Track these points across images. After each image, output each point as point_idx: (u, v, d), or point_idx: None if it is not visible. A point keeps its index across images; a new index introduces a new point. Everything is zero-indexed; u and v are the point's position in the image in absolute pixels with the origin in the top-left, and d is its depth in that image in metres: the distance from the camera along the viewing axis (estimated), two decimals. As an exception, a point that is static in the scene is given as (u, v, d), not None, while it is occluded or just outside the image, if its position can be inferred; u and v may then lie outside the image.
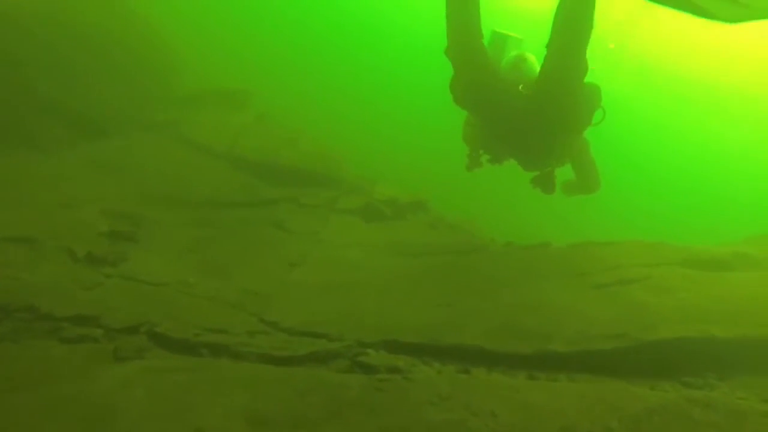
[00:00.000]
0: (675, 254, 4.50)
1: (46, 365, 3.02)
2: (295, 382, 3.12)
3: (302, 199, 6.18)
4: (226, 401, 2.86)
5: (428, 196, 6.68)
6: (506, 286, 4.43)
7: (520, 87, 3.96)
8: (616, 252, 4.73)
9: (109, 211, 5.03)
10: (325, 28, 21.05)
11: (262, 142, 7.74)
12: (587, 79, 3.88)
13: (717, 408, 2.80)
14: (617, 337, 3.54)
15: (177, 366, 3.05)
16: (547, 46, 3.78)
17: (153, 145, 7.05)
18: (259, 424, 2.68)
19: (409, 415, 2.80)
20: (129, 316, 3.54)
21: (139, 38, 8.17)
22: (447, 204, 7.29)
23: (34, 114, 6.12)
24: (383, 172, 8.10)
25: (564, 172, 4.66)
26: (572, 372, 3.45)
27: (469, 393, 3.00)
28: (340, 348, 3.60)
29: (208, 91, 9.25)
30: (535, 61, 4.11)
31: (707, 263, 4.31)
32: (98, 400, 2.68)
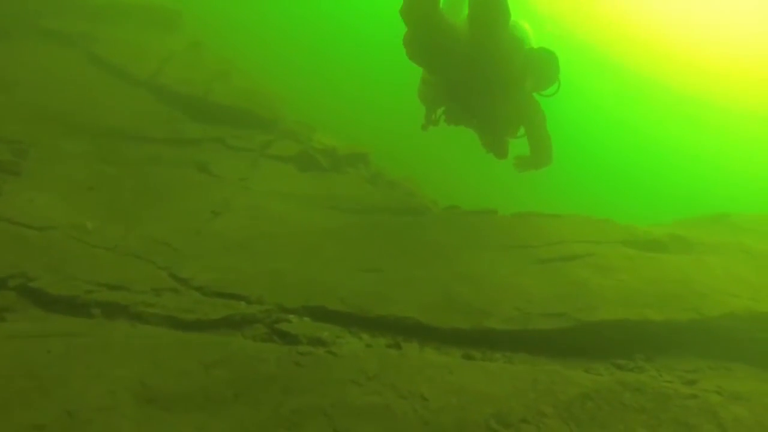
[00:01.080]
0: (618, 233, 4.42)
1: None
2: (201, 352, 2.73)
3: (230, 140, 5.53)
4: (114, 373, 2.42)
5: (369, 150, 6.22)
6: (445, 253, 4.18)
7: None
8: (561, 226, 4.59)
9: (-13, 133, 4.21)
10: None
11: (191, 72, 6.87)
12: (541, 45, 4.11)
13: (645, 392, 2.82)
14: (557, 316, 3.40)
15: (54, 330, 2.55)
16: None
17: (55, 58, 6.02)
18: (148, 403, 2.27)
19: (330, 396, 2.50)
20: (-5, 267, 2.93)
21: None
22: (389, 160, 6.89)
23: None
24: (323, 120, 7.52)
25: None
26: (509, 351, 3.29)
27: (399, 372, 2.75)
28: (258, 312, 3.22)
29: (130, 5, 8.08)
30: None
31: (646, 244, 4.26)
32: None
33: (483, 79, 4.06)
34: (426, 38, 3.98)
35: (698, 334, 3.44)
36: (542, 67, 4.18)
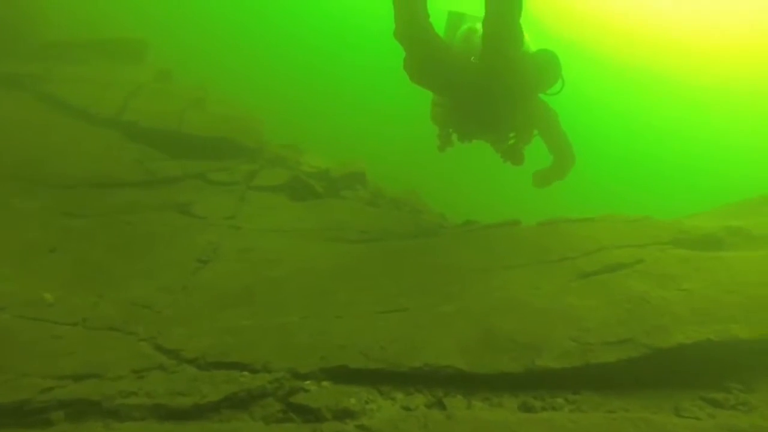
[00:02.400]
0: (662, 231, 3.91)
1: None
2: (202, 451, 2.16)
3: (212, 174, 4.97)
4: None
5: (365, 168, 5.69)
6: (472, 279, 3.65)
7: (471, 59, 4.14)
8: (594, 230, 4.08)
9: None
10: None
11: (161, 104, 6.32)
12: (542, 46, 4.13)
13: None
14: (621, 344, 2.87)
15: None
16: (484, 19, 3.87)
17: (2, 103, 5.42)
18: None
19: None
20: None
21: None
22: (385, 177, 6.36)
23: None
24: (309, 140, 7.00)
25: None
26: (572, 392, 2.74)
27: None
28: (268, 383, 2.65)
29: (90, 41, 7.51)
30: None
31: (700, 242, 3.76)
32: None
33: (491, 93, 4.08)
34: (424, 60, 4.02)
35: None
36: (545, 68, 4.13)
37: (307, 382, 2.69)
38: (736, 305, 3.05)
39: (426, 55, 3.98)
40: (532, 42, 4.34)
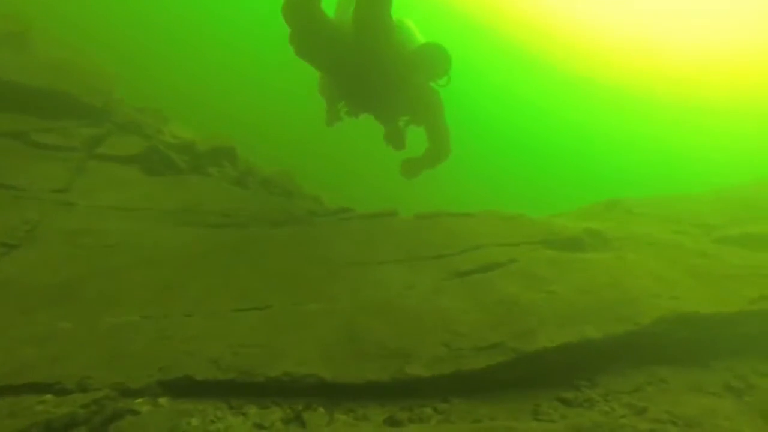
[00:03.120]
0: (535, 231, 3.97)
1: None
2: None
3: (38, 136, 4.06)
4: None
5: (235, 143, 5.11)
6: (342, 274, 3.39)
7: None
8: (473, 227, 4.03)
9: None
10: None
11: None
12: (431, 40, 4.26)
13: None
14: (492, 348, 2.79)
15: None
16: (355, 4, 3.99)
17: None
18: None
19: None
20: None
21: None
22: (261, 155, 5.83)
23: None
24: (175, 108, 6.16)
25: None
26: (441, 401, 2.61)
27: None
28: (81, 408, 2.13)
29: None
30: None
31: (566, 243, 3.87)
32: None
33: (370, 74, 4.18)
34: (308, 37, 4.08)
35: (633, 345, 3.07)
36: (431, 60, 4.24)
37: (139, 400, 2.22)
38: (591, 307, 3.15)
39: (309, 30, 4.05)
40: (426, 36, 4.48)
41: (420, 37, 4.46)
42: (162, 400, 2.29)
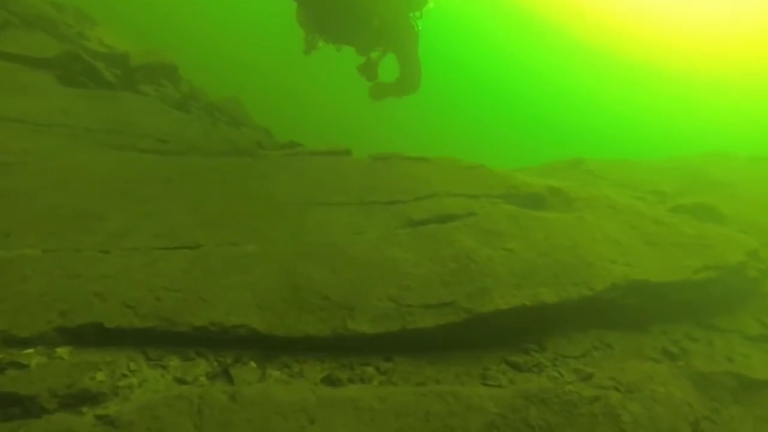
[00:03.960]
0: (495, 183, 3.76)
1: None
2: None
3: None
4: None
5: (179, 61, 4.52)
6: (285, 215, 3.08)
7: None
8: (429, 172, 3.77)
9: None
10: None
11: None
12: None
13: (551, 403, 2.36)
14: (443, 307, 2.61)
15: None
16: None
17: None
18: None
19: None
20: None
21: None
22: (206, 75, 5.25)
23: None
24: (108, 13, 5.39)
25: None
26: (384, 359, 2.43)
27: (227, 428, 1.70)
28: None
29: None
30: None
31: (527, 199, 3.69)
32: None
33: (339, 4, 4.06)
34: None
35: (585, 309, 2.97)
36: None
37: (28, 351, 1.88)
38: (548, 268, 3.02)
39: None
40: None
41: None
42: (61, 351, 1.96)
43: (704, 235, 3.80)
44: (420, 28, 4.29)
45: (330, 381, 2.22)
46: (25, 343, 1.88)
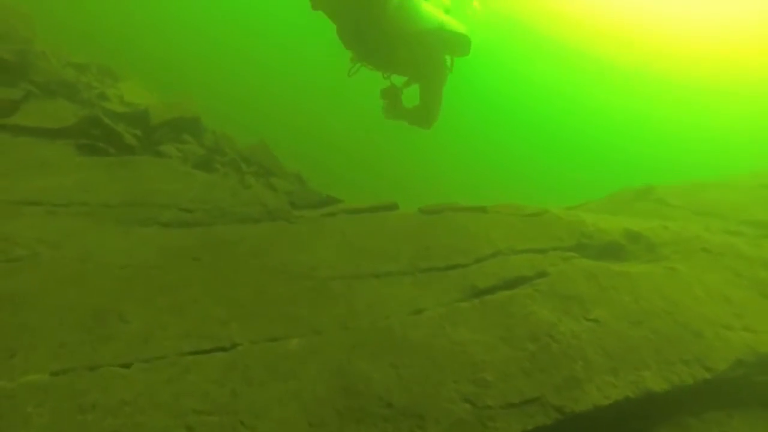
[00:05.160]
0: (564, 232, 3.32)
1: None
2: None
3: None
4: None
5: (202, 111, 4.28)
6: (329, 292, 2.75)
7: None
8: (487, 225, 3.37)
9: None
10: None
11: None
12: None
13: None
14: (527, 405, 2.17)
15: None
16: None
17: None
18: None
19: None
20: None
21: None
22: (234, 125, 5.00)
23: None
24: (133, 66, 5.22)
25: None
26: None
27: None
28: None
29: None
30: None
31: (604, 249, 3.23)
32: None
33: (360, 28, 4.12)
34: None
35: (701, 392, 2.48)
36: (423, 32, 4.13)
37: None
38: (646, 344, 2.55)
39: None
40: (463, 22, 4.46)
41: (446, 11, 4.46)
42: None
43: (836, 280, 3.26)
44: (451, 68, 4.33)
45: None
46: None
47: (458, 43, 4.31)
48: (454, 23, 4.33)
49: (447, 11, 4.42)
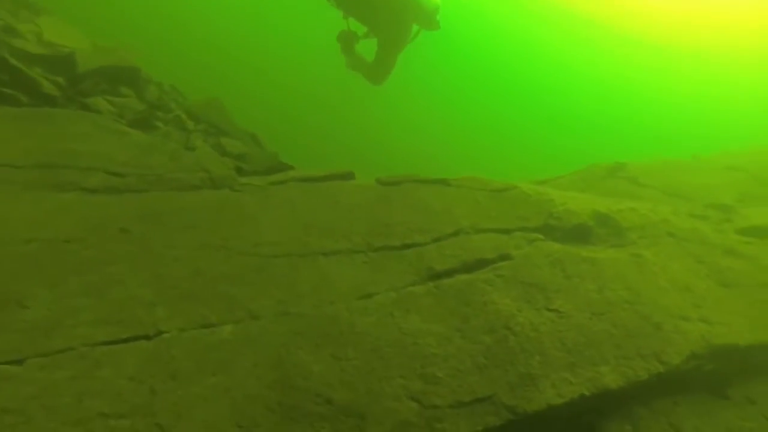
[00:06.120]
0: (531, 211, 3.18)
1: None
2: None
3: None
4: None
5: (139, 62, 3.87)
6: (271, 275, 2.57)
7: None
8: (451, 200, 3.21)
9: None
10: None
11: None
12: None
13: None
14: (478, 404, 2.07)
15: None
16: None
17: None
18: None
19: None
20: None
21: None
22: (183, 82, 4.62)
23: None
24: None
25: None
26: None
27: None
28: None
29: None
30: None
31: (570, 232, 3.10)
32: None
33: None
34: None
35: (653, 385, 2.43)
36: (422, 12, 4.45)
37: None
38: (606, 337, 2.48)
39: None
40: None
41: None
42: None
43: (794, 269, 3.25)
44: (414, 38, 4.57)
45: None
46: None
47: (428, 19, 4.49)
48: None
49: None
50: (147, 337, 2.07)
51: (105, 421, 1.70)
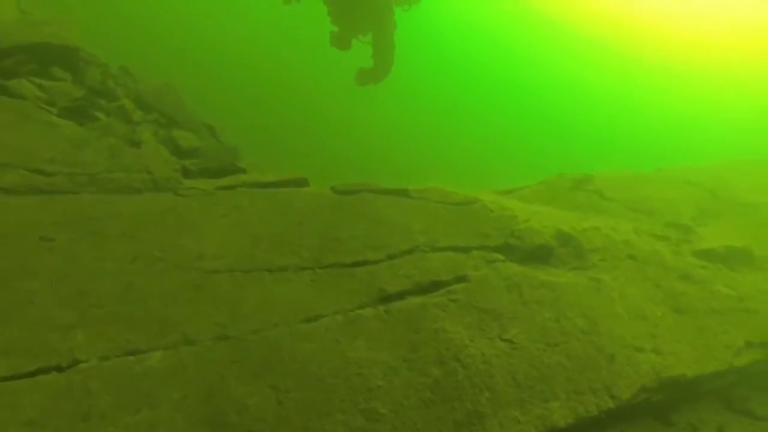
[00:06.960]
0: (492, 228, 3.12)
1: None
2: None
3: None
4: None
5: (77, 38, 3.58)
6: (211, 293, 2.41)
7: None
8: (410, 214, 3.11)
9: None
10: None
11: None
12: None
13: None
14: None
15: None
16: None
17: None
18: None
19: None
20: None
21: None
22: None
23: None
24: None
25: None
26: None
27: None
28: None
29: None
30: None
31: (531, 252, 3.04)
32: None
33: None
34: None
35: (602, 421, 2.40)
36: None
37: None
38: (559, 371, 2.44)
39: None
40: None
41: None
42: None
43: (743, 295, 3.29)
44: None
45: None
46: None
47: None
48: None
49: None
50: (59, 369, 1.90)
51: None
